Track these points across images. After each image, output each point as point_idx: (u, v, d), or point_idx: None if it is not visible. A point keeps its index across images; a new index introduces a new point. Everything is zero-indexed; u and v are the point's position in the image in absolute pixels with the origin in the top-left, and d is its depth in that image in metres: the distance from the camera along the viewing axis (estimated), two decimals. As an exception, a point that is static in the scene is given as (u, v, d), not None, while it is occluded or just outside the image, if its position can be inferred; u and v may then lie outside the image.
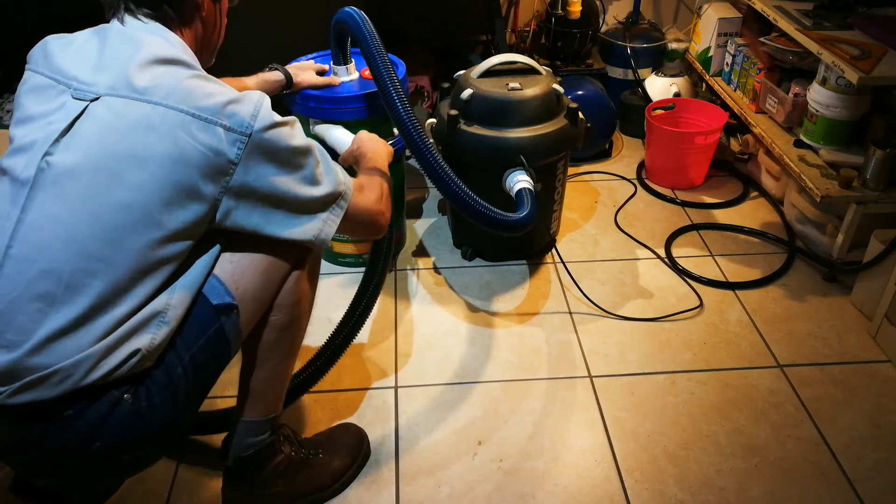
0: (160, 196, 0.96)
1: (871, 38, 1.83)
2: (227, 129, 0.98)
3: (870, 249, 1.76)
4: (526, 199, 1.66)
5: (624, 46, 2.57)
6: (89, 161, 0.95)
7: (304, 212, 1.08)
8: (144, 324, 0.99)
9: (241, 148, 0.99)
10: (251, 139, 0.99)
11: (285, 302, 1.18)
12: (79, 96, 0.99)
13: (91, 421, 0.98)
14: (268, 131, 1.01)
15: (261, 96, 1.03)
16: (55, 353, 0.94)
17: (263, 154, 1.01)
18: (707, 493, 1.37)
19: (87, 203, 0.95)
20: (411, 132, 1.55)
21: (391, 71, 1.56)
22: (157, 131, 0.96)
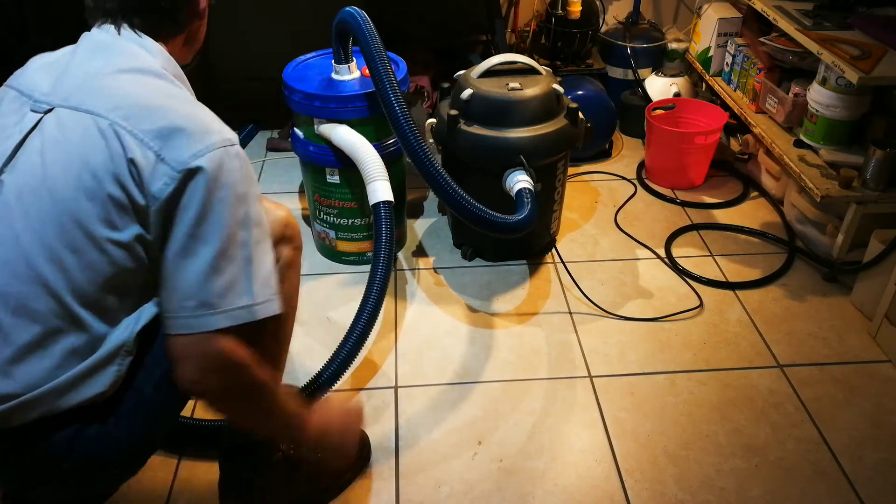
0: (98, 214, 0.89)
1: (871, 38, 1.83)
2: (159, 159, 0.88)
3: (870, 249, 1.76)
4: (526, 199, 1.66)
5: (624, 46, 2.57)
6: (32, 177, 0.90)
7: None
8: (109, 359, 0.94)
9: (169, 184, 0.88)
10: (182, 177, 0.88)
11: None
12: (35, 108, 0.95)
13: (61, 441, 0.95)
14: (206, 176, 0.88)
15: (231, 139, 0.92)
16: (15, 380, 0.90)
17: (189, 199, 0.89)
18: (707, 493, 1.37)
19: (30, 222, 0.89)
20: (409, 137, 1.55)
21: (391, 74, 1.56)
22: (96, 145, 0.89)
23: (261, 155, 2.52)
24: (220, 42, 2.68)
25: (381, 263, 1.55)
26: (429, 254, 2.04)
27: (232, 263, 0.91)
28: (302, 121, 1.82)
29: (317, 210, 1.94)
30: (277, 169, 2.44)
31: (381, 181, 1.65)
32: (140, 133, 0.89)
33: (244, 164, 0.94)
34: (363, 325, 1.50)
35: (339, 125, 1.74)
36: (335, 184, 1.85)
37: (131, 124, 0.89)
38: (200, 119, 0.92)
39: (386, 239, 1.59)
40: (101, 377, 0.95)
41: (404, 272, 1.97)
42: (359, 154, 1.69)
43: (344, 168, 1.80)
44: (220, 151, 0.90)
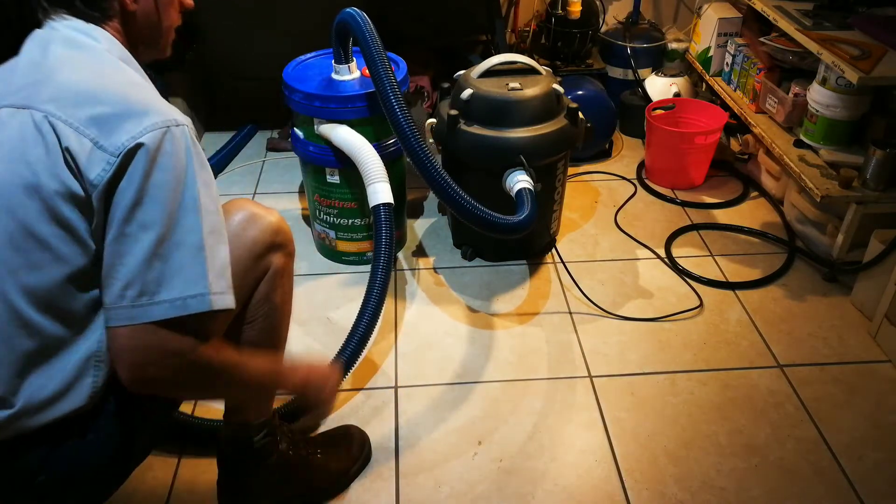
0: (40, 211, 0.85)
1: (871, 38, 1.83)
2: (95, 145, 0.84)
3: (870, 249, 1.76)
4: (526, 199, 1.66)
5: (624, 46, 2.57)
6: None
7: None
8: (82, 370, 0.91)
9: (107, 170, 0.83)
10: (119, 161, 0.83)
11: (257, 316, 1.14)
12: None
13: (35, 457, 0.93)
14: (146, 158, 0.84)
15: (175, 119, 0.88)
16: None
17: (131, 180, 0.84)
18: (707, 493, 1.37)
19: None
20: (409, 138, 1.55)
21: (391, 75, 1.57)
22: (33, 140, 0.85)
23: (261, 155, 2.52)
24: (221, 42, 2.68)
25: (381, 265, 1.56)
26: (429, 254, 2.04)
27: (179, 250, 0.86)
28: (302, 121, 1.82)
29: (317, 210, 1.94)
30: (277, 169, 2.44)
31: (382, 183, 1.66)
32: (75, 121, 0.84)
33: (190, 147, 0.88)
34: (363, 330, 1.51)
35: (340, 125, 1.74)
36: (335, 184, 1.85)
37: (66, 113, 0.85)
38: (139, 100, 0.87)
39: (386, 241, 1.59)
40: (76, 391, 0.91)
41: (404, 272, 1.97)
42: (359, 155, 1.69)
43: (344, 168, 1.80)
44: (159, 132, 0.85)
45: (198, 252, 0.87)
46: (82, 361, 0.91)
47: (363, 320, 1.52)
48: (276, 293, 1.16)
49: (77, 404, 0.92)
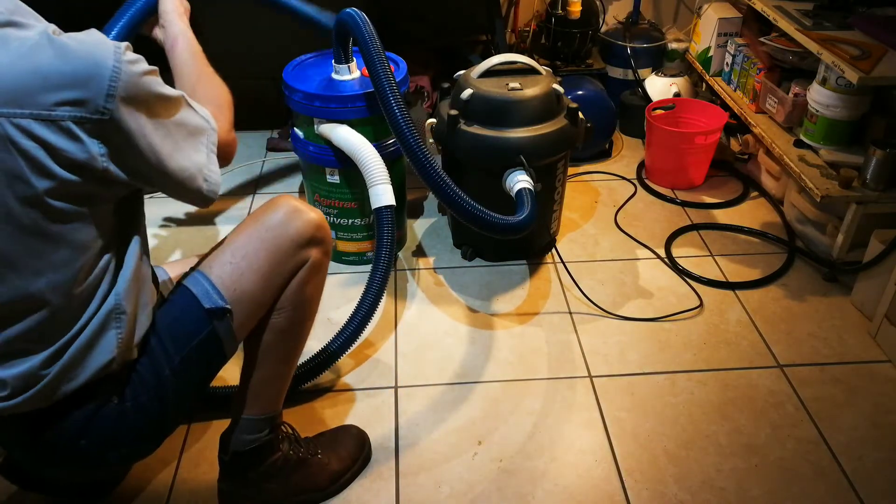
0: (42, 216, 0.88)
1: (871, 38, 1.83)
2: (77, 122, 0.85)
3: (870, 249, 1.76)
4: (526, 199, 1.66)
5: (624, 46, 2.57)
6: None
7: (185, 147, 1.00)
8: (102, 325, 0.97)
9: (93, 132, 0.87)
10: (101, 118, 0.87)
11: (287, 305, 1.18)
12: None
13: (78, 420, 0.99)
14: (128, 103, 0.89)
15: (116, 46, 0.89)
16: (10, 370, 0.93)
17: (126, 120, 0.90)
18: (707, 493, 1.37)
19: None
20: (409, 140, 1.56)
21: (390, 76, 1.57)
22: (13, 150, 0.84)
23: (261, 155, 2.52)
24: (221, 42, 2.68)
25: (381, 265, 1.57)
26: (429, 254, 2.04)
27: (186, 123, 0.99)
28: (302, 121, 1.82)
29: (317, 210, 1.94)
30: (277, 169, 2.44)
31: (384, 185, 1.66)
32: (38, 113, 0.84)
33: (132, 58, 0.90)
34: (355, 326, 1.55)
35: (340, 125, 1.74)
36: (335, 184, 1.85)
37: (22, 110, 0.83)
38: (77, 55, 0.86)
39: (387, 243, 1.60)
40: (102, 345, 0.97)
41: (404, 272, 1.97)
42: (361, 156, 1.69)
43: (344, 168, 1.80)
44: (120, 68, 0.88)
45: (191, 108, 1.01)
46: (100, 315, 0.96)
47: (354, 321, 1.55)
48: (309, 286, 1.20)
49: (107, 357, 0.97)
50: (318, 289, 1.25)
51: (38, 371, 0.95)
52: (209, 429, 1.49)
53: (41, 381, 0.95)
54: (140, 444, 1.10)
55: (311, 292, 1.21)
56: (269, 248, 1.12)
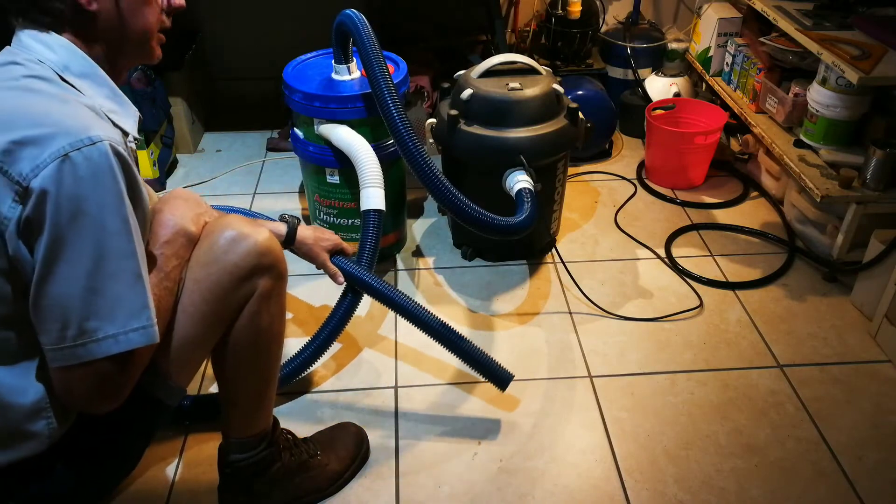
0: None
1: (871, 38, 1.83)
2: (3, 174, 0.78)
3: (870, 249, 1.76)
4: (526, 199, 1.66)
5: (624, 46, 2.57)
6: None
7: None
8: (32, 415, 0.89)
9: (17, 202, 0.78)
10: (27, 191, 0.78)
11: (241, 340, 1.09)
12: None
13: (4, 487, 0.92)
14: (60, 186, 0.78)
15: (89, 137, 0.80)
16: None
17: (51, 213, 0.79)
18: (707, 493, 1.37)
19: None
20: (407, 143, 1.56)
21: (388, 79, 1.57)
22: None
23: (261, 155, 2.52)
24: (221, 42, 2.68)
25: (362, 265, 1.57)
26: (429, 254, 2.04)
27: (115, 280, 0.82)
28: (302, 121, 1.82)
29: (317, 210, 1.94)
30: (277, 169, 2.44)
31: (375, 188, 1.66)
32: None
33: (112, 166, 0.81)
34: (321, 340, 1.51)
35: (340, 126, 1.74)
36: (335, 184, 1.85)
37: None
38: (53, 119, 0.81)
39: (370, 247, 1.60)
40: (32, 438, 0.90)
41: (404, 272, 1.97)
42: (357, 157, 1.69)
43: (344, 168, 1.80)
44: (74, 154, 0.78)
45: (136, 280, 0.84)
46: (30, 406, 0.88)
47: (325, 328, 1.51)
48: (263, 315, 1.09)
49: (35, 451, 0.90)
50: (277, 316, 1.13)
51: None
52: (209, 429, 1.48)
53: None
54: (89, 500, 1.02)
55: (267, 321, 1.10)
56: (205, 289, 1.00)
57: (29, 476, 0.92)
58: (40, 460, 0.91)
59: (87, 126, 0.81)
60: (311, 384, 1.60)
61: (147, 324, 0.85)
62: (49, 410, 0.90)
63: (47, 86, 0.86)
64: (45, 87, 0.86)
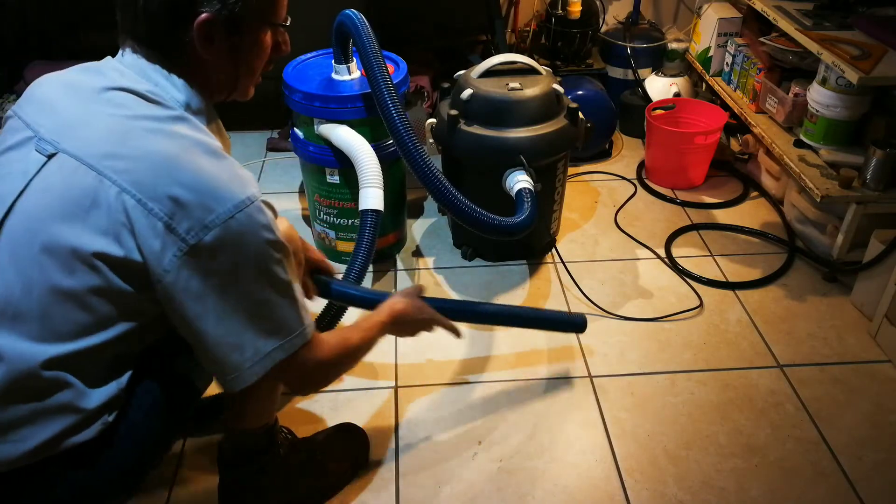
0: (96, 274, 0.88)
1: (871, 38, 1.83)
2: (168, 229, 0.85)
3: (870, 249, 1.76)
4: (526, 200, 1.66)
5: (624, 46, 2.57)
6: (25, 230, 0.88)
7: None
8: (94, 416, 0.94)
9: (178, 252, 0.86)
10: (195, 248, 0.86)
11: None
12: (39, 149, 0.90)
13: (51, 475, 0.94)
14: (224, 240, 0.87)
15: (249, 197, 0.89)
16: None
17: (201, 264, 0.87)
18: (707, 493, 1.37)
19: (19, 277, 0.87)
20: (407, 144, 1.56)
21: (388, 80, 1.57)
22: (97, 207, 0.86)
23: (261, 155, 2.52)
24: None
25: (356, 267, 1.59)
26: (429, 254, 2.04)
27: (280, 308, 0.94)
28: (302, 121, 1.82)
29: (317, 210, 1.94)
30: (277, 169, 2.44)
31: (375, 188, 1.66)
32: (149, 202, 0.85)
33: (266, 219, 0.91)
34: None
35: (339, 125, 1.74)
36: (335, 184, 1.85)
37: (140, 191, 0.85)
38: (215, 180, 0.88)
39: (366, 246, 1.61)
40: (91, 425, 0.93)
41: (404, 272, 1.97)
42: (357, 157, 1.69)
43: (344, 168, 1.80)
44: (240, 214, 0.87)
45: (292, 302, 0.96)
46: (96, 409, 0.93)
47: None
48: None
49: (90, 436, 0.93)
50: None
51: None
52: (209, 428, 1.48)
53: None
54: (115, 495, 1.03)
55: None
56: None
57: (79, 462, 0.94)
58: (90, 446, 0.94)
59: (244, 185, 0.89)
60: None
61: (302, 328, 0.98)
62: (115, 404, 0.94)
63: (191, 131, 0.91)
64: (190, 132, 0.91)
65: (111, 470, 0.98)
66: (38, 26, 2.50)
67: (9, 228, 0.89)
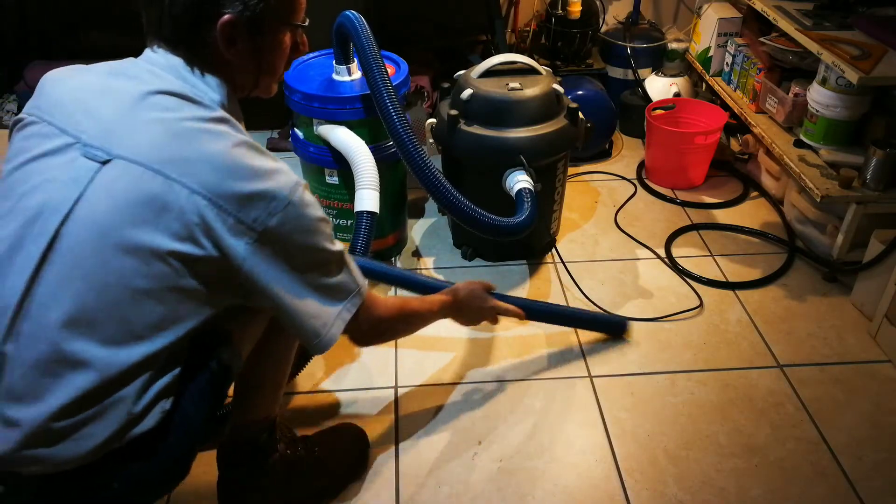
0: (172, 273, 0.90)
1: (871, 38, 1.83)
2: (238, 222, 0.90)
3: (870, 249, 1.76)
4: (526, 200, 1.66)
5: (624, 46, 2.57)
6: (91, 235, 0.88)
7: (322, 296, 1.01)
8: (151, 405, 0.95)
9: (251, 241, 0.92)
10: (263, 234, 0.92)
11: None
12: (89, 156, 0.90)
13: (111, 467, 0.96)
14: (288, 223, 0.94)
15: (296, 181, 0.96)
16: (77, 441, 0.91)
17: (280, 245, 0.94)
18: (707, 493, 1.37)
19: (92, 283, 0.88)
20: (406, 145, 1.56)
21: (387, 81, 1.57)
22: (166, 208, 0.88)
23: (261, 155, 2.52)
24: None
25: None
26: (429, 254, 2.04)
27: (339, 273, 1.03)
28: (302, 121, 1.82)
29: (317, 210, 1.94)
30: (277, 169, 2.44)
31: (370, 190, 1.66)
32: (218, 199, 0.89)
33: (311, 197, 0.98)
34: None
35: (338, 126, 1.74)
36: (334, 185, 1.85)
37: (208, 190, 0.88)
38: (268, 172, 0.93)
39: (361, 248, 1.61)
40: (145, 422, 0.94)
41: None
42: (353, 158, 1.69)
43: (343, 169, 1.80)
44: (294, 198, 0.94)
45: (347, 266, 1.05)
46: (152, 399, 0.94)
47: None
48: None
49: (148, 427, 0.95)
50: None
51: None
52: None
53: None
54: (171, 479, 1.06)
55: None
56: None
57: (136, 453, 0.96)
58: (147, 437, 0.95)
59: (288, 173, 0.96)
60: (311, 384, 1.61)
61: (359, 287, 1.07)
62: (170, 392, 0.96)
63: (234, 131, 0.95)
64: (233, 132, 0.95)
65: (166, 459, 0.99)
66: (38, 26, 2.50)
67: (70, 236, 0.89)
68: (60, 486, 0.94)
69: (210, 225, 0.89)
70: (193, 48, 0.96)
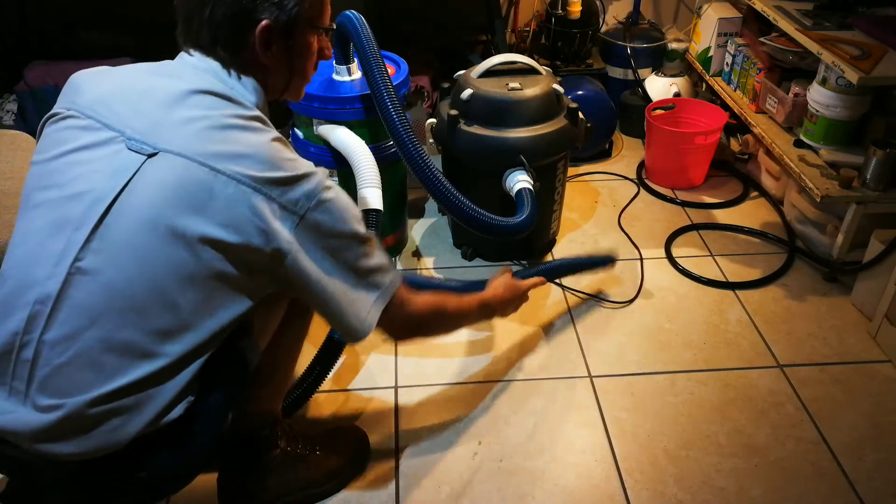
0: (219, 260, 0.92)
1: (871, 38, 1.83)
2: (282, 207, 0.94)
3: (870, 249, 1.76)
4: (526, 200, 1.66)
5: (624, 46, 2.57)
6: (138, 226, 0.90)
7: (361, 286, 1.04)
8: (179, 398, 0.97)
9: (294, 226, 0.95)
10: (304, 218, 0.95)
11: (296, 309, 1.20)
12: (135, 149, 0.92)
13: (139, 457, 0.97)
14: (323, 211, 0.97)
15: (323, 170, 1.00)
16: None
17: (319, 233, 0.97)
18: (707, 493, 1.37)
19: (142, 269, 0.90)
20: (406, 145, 1.56)
21: (388, 81, 1.57)
22: (218, 202, 0.90)
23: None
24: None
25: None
26: (429, 254, 2.04)
27: (374, 257, 1.05)
28: (302, 121, 1.82)
29: (317, 210, 1.94)
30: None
31: (373, 189, 1.65)
32: (263, 187, 0.92)
33: (340, 189, 1.01)
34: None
35: (338, 126, 1.73)
36: (335, 184, 1.84)
37: (254, 180, 0.91)
38: (302, 162, 0.98)
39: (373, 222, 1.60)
40: (175, 411, 0.96)
41: (405, 272, 1.97)
42: (354, 158, 1.69)
43: (343, 169, 1.79)
44: (328, 183, 0.98)
45: (379, 254, 1.06)
46: (180, 391, 0.95)
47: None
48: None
49: (178, 414, 0.96)
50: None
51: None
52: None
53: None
54: (193, 472, 1.07)
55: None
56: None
57: (164, 441, 0.97)
58: (175, 425, 0.96)
59: (315, 165, 1.00)
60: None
61: (394, 278, 1.08)
62: (200, 381, 0.97)
63: (269, 128, 1.00)
64: (269, 129, 0.99)
65: (192, 446, 1.01)
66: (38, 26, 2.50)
67: (115, 225, 0.90)
68: (92, 472, 0.95)
69: (257, 212, 0.91)
70: (231, 53, 1.00)
